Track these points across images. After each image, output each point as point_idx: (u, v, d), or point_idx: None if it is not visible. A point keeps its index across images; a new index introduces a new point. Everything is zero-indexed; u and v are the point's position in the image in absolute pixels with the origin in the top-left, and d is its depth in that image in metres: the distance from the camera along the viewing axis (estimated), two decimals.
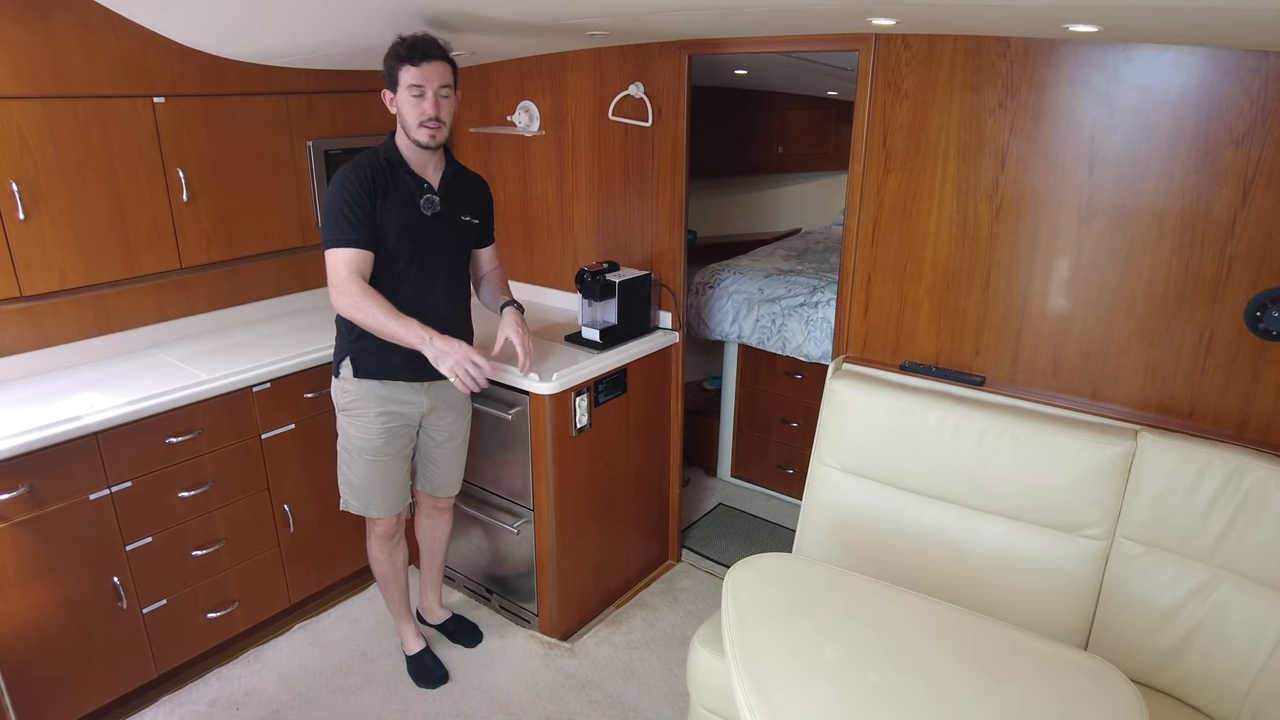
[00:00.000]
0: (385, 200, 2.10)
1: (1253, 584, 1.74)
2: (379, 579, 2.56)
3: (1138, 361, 2.00)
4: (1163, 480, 1.84)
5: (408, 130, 2.09)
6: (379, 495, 2.34)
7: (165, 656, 2.43)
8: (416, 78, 2.02)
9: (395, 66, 2.04)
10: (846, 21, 2.03)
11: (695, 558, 3.26)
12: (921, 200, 2.22)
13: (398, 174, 2.14)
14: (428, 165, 2.19)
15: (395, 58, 2.03)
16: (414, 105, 2.05)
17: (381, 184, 2.10)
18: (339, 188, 2.07)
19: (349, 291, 2.04)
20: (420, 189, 2.16)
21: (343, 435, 2.32)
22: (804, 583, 1.69)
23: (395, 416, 2.28)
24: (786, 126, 5.10)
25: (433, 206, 2.17)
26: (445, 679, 2.55)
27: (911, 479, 2.14)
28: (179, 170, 2.54)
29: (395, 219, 2.12)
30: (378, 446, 2.28)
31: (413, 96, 2.04)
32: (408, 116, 2.07)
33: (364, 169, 2.09)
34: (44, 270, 2.31)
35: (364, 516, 2.40)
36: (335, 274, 2.06)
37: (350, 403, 2.26)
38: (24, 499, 2.05)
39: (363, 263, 2.07)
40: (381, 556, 2.48)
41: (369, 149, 2.17)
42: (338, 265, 2.05)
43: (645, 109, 2.71)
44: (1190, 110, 1.79)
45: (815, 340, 3.28)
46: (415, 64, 2.01)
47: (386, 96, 2.11)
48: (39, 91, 2.22)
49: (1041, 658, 1.48)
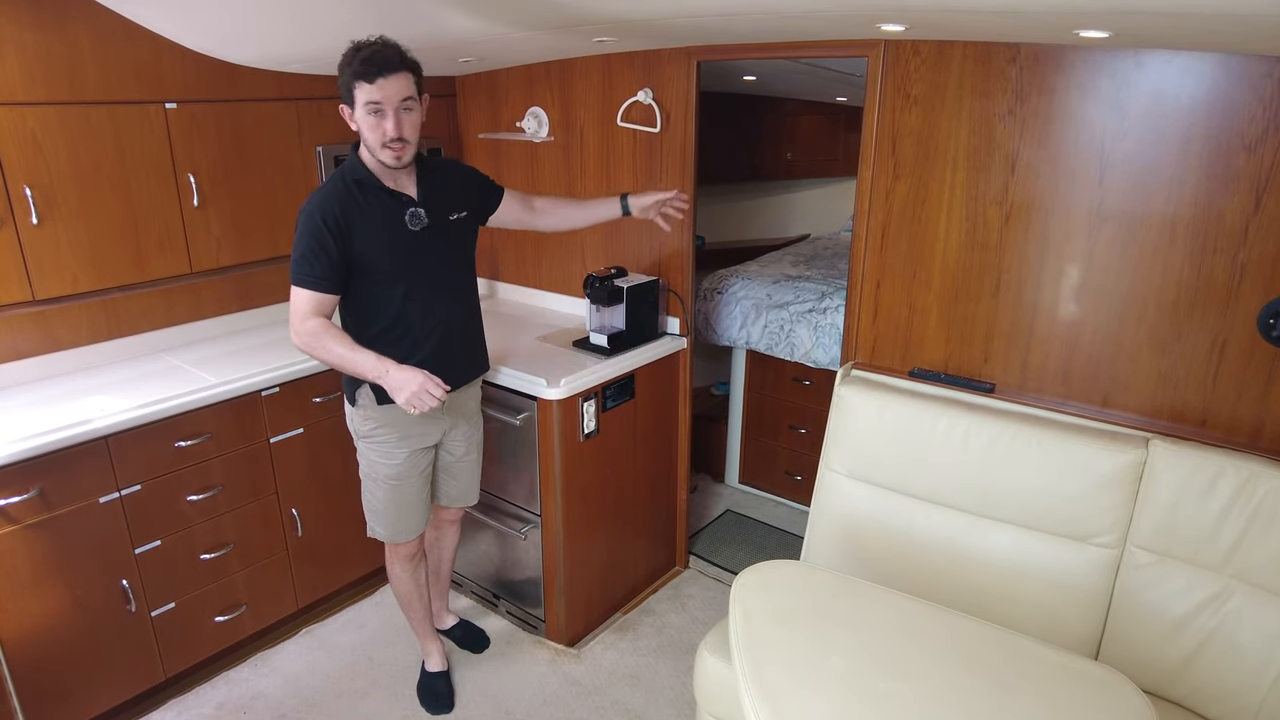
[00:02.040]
0: (363, 228, 1.96)
1: (1266, 595, 1.72)
2: (401, 599, 2.48)
3: (1149, 369, 1.98)
4: (1174, 489, 1.82)
5: (371, 151, 1.95)
6: (406, 519, 2.29)
7: (173, 659, 2.44)
8: (374, 95, 1.84)
9: (350, 82, 1.86)
10: (855, 28, 2.02)
11: (703, 564, 3.25)
12: (930, 206, 2.21)
13: (370, 194, 1.99)
14: (401, 175, 2.04)
15: (349, 72, 1.85)
16: (374, 125, 1.88)
17: (354, 214, 1.95)
18: (304, 225, 1.92)
19: (303, 331, 1.93)
20: (401, 204, 2.03)
21: (365, 463, 2.24)
22: (812, 590, 1.68)
23: (419, 438, 2.22)
24: (796, 132, 5.10)
25: (420, 220, 2.04)
26: (450, 708, 2.48)
27: (920, 486, 2.13)
28: (190, 175, 2.56)
29: (379, 243, 1.99)
30: (402, 471, 2.22)
31: (371, 114, 1.87)
32: (369, 137, 1.91)
33: (331, 204, 1.93)
34: (56, 275, 2.33)
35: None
36: (294, 311, 1.94)
37: (372, 430, 2.17)
38: (34, 502, 2.06)
39: (323, 306, 1.95)
40: (405, 575, 2.41)
41: (333, 173, 2.02)
42: (297, 303, 1.94)
43: (654, 115, 2.72)
44: (1202, 116, 1.78)
45: (824, 346, 3.27)
46: (370, 80, 1.83)
47: (345, 112, 1.93)
48: (53, 97, 2.24)
49: (1051, 667, 1.47)
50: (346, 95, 1.90)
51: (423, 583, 2.48)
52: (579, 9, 2.01)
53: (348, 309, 2.07)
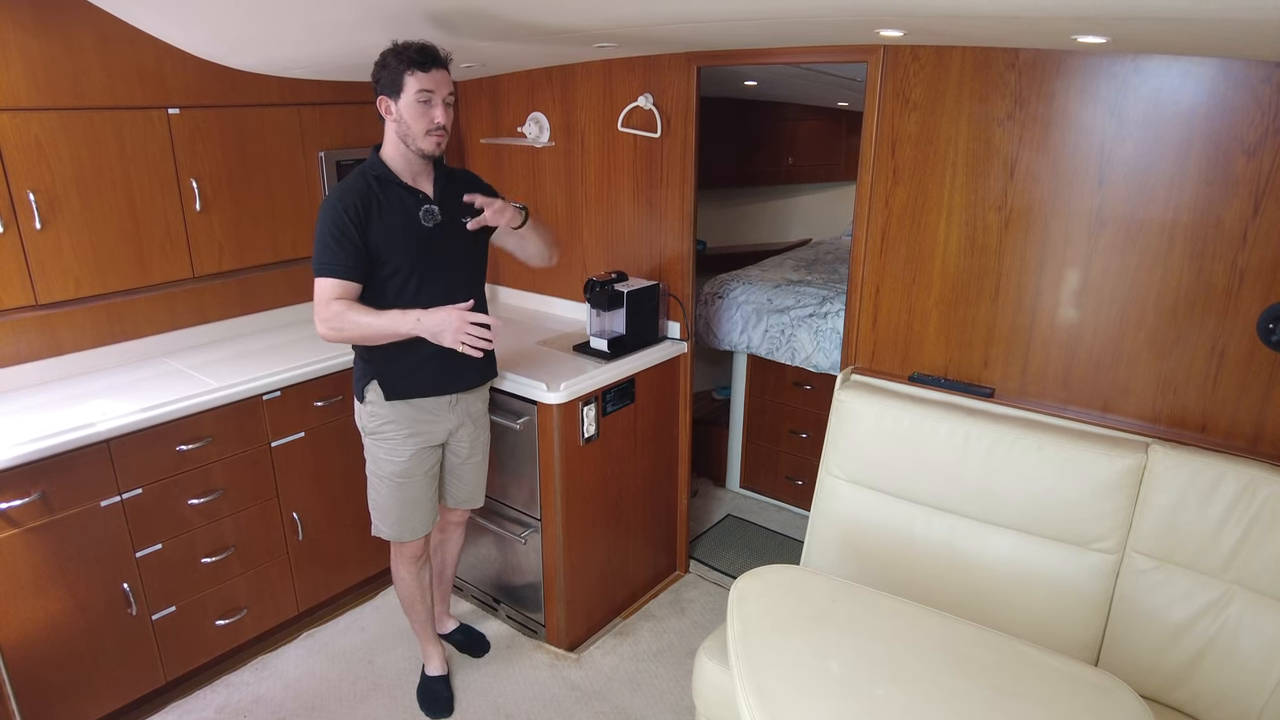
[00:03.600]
0: (380, 220, 2.03)
1: (1267, 600, 1.72)
2: (405, 601, 2.49)
3: (1149, 374, 1.98)
4: (1175, 494, 1.82)
5: (411, 139, 2.02)
6: (410, 518, 2.30)
7: (174, 663, 2.44)
8: (427, 83, 1.97)
9: (401, 72, 1.96)
10: (855, 33, 2.03)
11: (703, 569, 3.24)
12: (930, 211, 2.21)
13: (389, 189, 2.07)
14: (420, 174, 2.12)
15: (402, 62, 1.96)
16: (422, 113, 1.99)
17: (373, 206, 2.03)
18: (326, 215, 2.00)
19: (327, 316, 1.99)
20: (417, 200, 2.10)
21: (371, 460, 2.27)
22: (810, 595, 1.68)
23: (426, 436, 2.24)
24: (797, 137, 5.12)
25: (433, 217, 2.10)
26: (450, 712, 2.48)
27: (920, 491, 2.13)
28: (193, 180, 2.57)
29: (394, 236, 2.05)
30: (408, 469, 2.24)
31: (420, 103, 1.98)
32: (414, 125, 2.00)
33: (351, 195, 2.01)
34: (59, 279, 2.34)
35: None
36: (318, 301, 2.01)
37: (379, 426, 2.20)
38: (36, 505, 2.07)
39: (347, 293, 2.01)
40: (409, 577, 2.42)
41: (355, 169, 2.10)
42: (321, 293, 2.00)
43: (654, 120, 2.72)
44: (1201, 121, 1.78)
45: (824, 351, 3.27)
46: (425, 70, 1.96)
47: (384, 104, 2.02)
48: (57, 103, 2.25)
49: (1050, 673, 1.46)
50: (393, 86, 1.98)
51: (426, 586, 2.48)
52: (579, 20, 2.02)
53: (364, 303, 2.08)
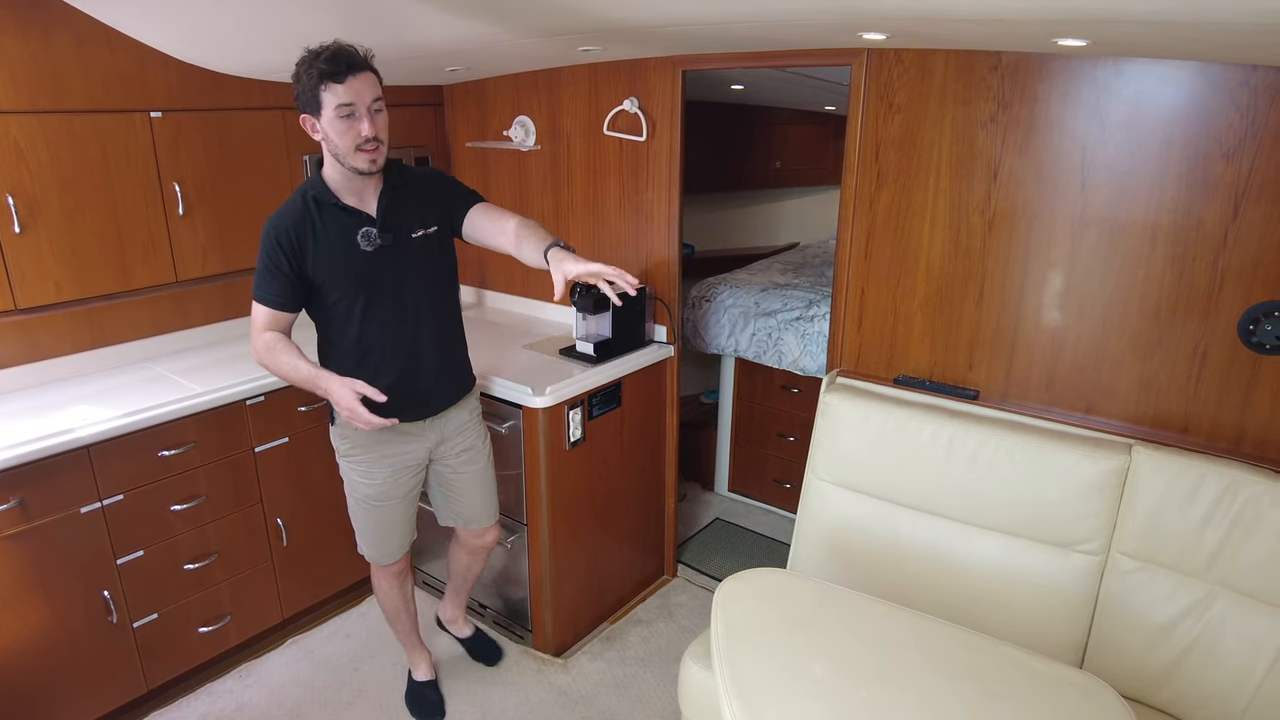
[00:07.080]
0: (315, 249, 1.90)
1: (1249, 600, 1.73)
2: (388, 614, 2.45)
3: (1131, 375, 1.99)
4: (1158, 495, 1.82)
5: (342, 158, 1.84)
6: (388, 541, 2.26)
7: (156, 671, 2.42)
8: (345, 95, 1.75)
9: (315, 86, 1.76)
10: (838, 36, 2.04)
11: (691, 573, 3.23)
12: (914, 214, 2.21)
13: (327, 212, 1.91)
14: (366, 190, 1.94)
15: (313, 76, 1.75)
16: (347, 128, 1.78)
17: (307, 234, 1.89)
18: (263, 241, 1.89)
19: (258, 345, 1.92)
20: (354, 223, 1.93)
21: (347, 481, 2.20)
22: (795, 598, 1.68)
23: (401, 458, 2.15)
24: (784, 141, 5.12)
25: (371, 240, 1.92)
26: (441, 715, 2.47)
27: (906, 494, 2.13)
28: (175, 184, 2.55)
29: (332, 265, 1.92)
30: (383, 492, 2.17)
31: (342, 118, 1.77)
32: (340, 143, 1.80)
33: (286, 222, 1.88)
34: (39, 283, 2.32)
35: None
36: (252, 325, 1.94)
37: (349, 449, 2.13)
38: (14, 512, 2.04)
39: (277, 323, 1.92)
40: (392, 591, 2.38)
41: (297, 189, 1.97)
42: (255, 318, 1.93)
43: (640, 124, 2.72)
44: (1180, 124, 1.80)
45: (811, 354, 3.27)
46: (339, 80, 1.74)
47: (308, 123, 1.83)
48: (36, 106, 2.23)
49: (1035, 675, 1.47)
50: (310, 102, 1.79)
51: (409, 596, 2.45)
52: (564, 15, 2.01)
53: (319, 327, 2.05)
